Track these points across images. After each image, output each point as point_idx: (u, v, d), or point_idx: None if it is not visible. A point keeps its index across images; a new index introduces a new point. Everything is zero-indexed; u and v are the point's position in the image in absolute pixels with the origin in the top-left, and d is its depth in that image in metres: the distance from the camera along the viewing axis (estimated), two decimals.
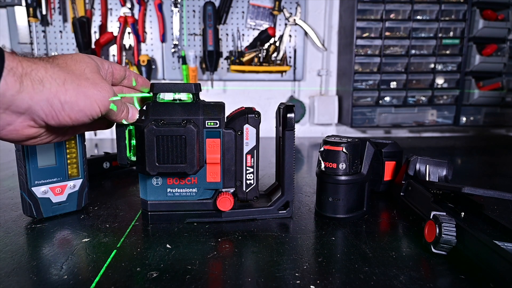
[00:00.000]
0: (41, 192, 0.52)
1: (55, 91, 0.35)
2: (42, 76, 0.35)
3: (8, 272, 0.39)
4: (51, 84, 0.35)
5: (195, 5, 1.32)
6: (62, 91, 0.36)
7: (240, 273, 0.40)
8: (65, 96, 0.36)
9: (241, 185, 0.53)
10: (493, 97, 1.36)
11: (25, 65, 0.34)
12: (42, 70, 0.35)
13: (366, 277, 0.39)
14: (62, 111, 0.36)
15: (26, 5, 1.20)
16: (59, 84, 0.36)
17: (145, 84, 0.51)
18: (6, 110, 0.34)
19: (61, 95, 0.36)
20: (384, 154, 0.66)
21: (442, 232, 0.41)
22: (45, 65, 0.36)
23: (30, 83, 0.34)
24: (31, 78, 0.34)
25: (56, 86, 0.35)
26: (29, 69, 0.34)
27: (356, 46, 1.27)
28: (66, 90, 0.36)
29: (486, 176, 0.89)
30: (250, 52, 1.33)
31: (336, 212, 0.54)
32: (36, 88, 0.34)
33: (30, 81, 0.34)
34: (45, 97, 0.35)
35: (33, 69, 0.34)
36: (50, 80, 0.35)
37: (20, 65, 0.33)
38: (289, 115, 0.51)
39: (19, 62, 0.33)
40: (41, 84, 0.34)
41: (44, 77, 0.35)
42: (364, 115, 1.35)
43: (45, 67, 0.35)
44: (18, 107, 0.34)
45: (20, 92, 0.33)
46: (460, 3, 1.28)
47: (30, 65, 0.34)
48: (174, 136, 0.47)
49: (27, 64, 0.34)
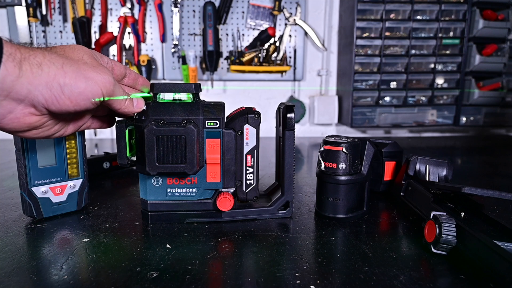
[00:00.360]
0: (41, 192, 0.52)
1: (53, 74, 0.35)
2: (40, 60, 0.35)
3: (8, 272, 0.39)
4: (50, 67, 0.35)
5: (195, 5, 1.32)
6: (61, 74, 0.36)
7: (240, 273, 0.40)
8: (64, 79, 0.36)
9: (241, 185, 0.53)
10: (493, 97, 1.36)
11: (23, 51, 0.34)
12: (40, 55, 0.35)
13: (366, 277, 0.39)
14: (62, 95, 0.36)
15: (26, 5, 1.20)
16: (58, 68, 0.36)
17: (145, 84, 0.51)
18: (6, 97, 0.34)
19: (60, 78, 0.36)
20: (384, 154, 0.66)
21: (442, 232, 0.41)
22: (43, 52, 0.36)
23: (29, 67, 0.34)
24: (29, 62, 0.34)
25: (55, 69, 0.35)
26: (27, 54, 0.34)
27: (356, 46, 1.27)
28: (65, 72, 0.36)
29: (486, 176, 0.89)
30: (250, 52, 1.33)
31: (336, 212, 0.54)
32: (35, 72, 0.34)
33: (29, 66, 0.34)
34: (44, 81, 0.35)
35: (31, 54, 0.34)
36: (49, 64, 0.35)
37: (18, 51, 0.33)
38: (289, 115, 0.51)
39: (17, 49, 0.34)
40: (39, 68, 0.34)
41: (43, 62, 0.35)
42: (364, 115, 1.35)
43: (43, 53, 0.36)
44: (18, 93, 0.34)
45: (19, 77, 0.33)
46: (460, 3, 1.28)
47: (28, 51, 0.34)
48: (174, 136, 0.47)
49: (25, 50, 0.34)
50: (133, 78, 0.50)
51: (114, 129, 0.49)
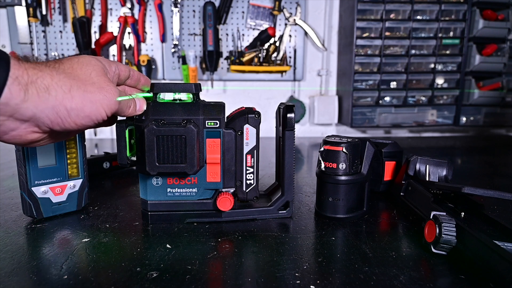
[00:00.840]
0: (41, 192, 0.52)
1: (61, 99, 0.35)
2: (48, 84, 0.34)
3: (8, 272, 0.39)
4: (57, 91, 0.35)
5: (195, 5, 1.32)
6: (68, 98, 0.36)
7: (240, 273, 0.40)
8: (71, 103, 0.36)
9: (241, 185, 0.53)
10: (493, 97, 1.36)
11: (31, 73, 0.34)
12: (48, 78, 0.35)
13: (366, 277, 0.39)
14: (68, 118, 0.36)
15: (26, 5, 1.19)
16: (65, 92, 0.35)
17: (147, 83, 0.52)
18: (10, 117, 0.34)
19: (67, 102, 0.36)
20: (384, 154, 0.66)
21: (442, 232, 0.41)
22: (51, 72, 0.35)
23: (36, 91, 0.34)
24: (36, 86, 0.34)
25: (62, 93, 0.35)
26: (34, 77, 0.34)
27: (356, 46, 1.27)
28: (72, 97, 0.36)
29: (486, 176, 0.89)
30: (250, 52, 1.33)
31: (336, 212, 0.54)
32: (42, 97, 0.34)
33: (36, 90, 0.34)
34: (51, 105, 0.35)
35: (39, 77, 0.34)
36: (56, 88, 0.35)
37: (26, 73, 0.33)
38: (289, 115, 0.51)
39: (25, 70, 0.33)
40: (47, 92, 0.34)
41: (50, 85, 0.35)
42: (364, 115, 1.35)
43: (51, 74, 0.35)
44: (22, 115, 0.34)
45: (25, 101, 0.33)
46: (460, 3, 1.28)
47: (36, 73, 0.34)
48: (174, 136, 0.47)
49: (33, 72, 0.34)
50: (136, 79, 0.50)
51: (114, 129, 0.49)
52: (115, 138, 0.49)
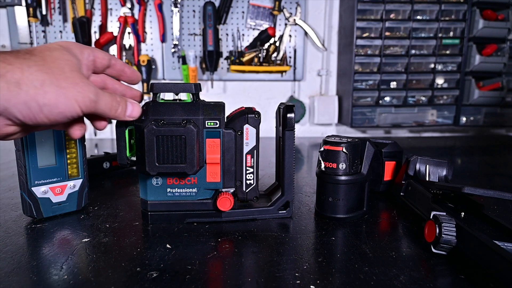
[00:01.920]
0: (41, 192, 0.52)
1: (33, 94, 0.34)
2: (18, 78, 0.33)
3: (8, 272, 0.39)
4: (28, 86, 0.33)
5: (195, 5, 1.32)
6: (40, 94, 0.34)
7: (240, 273, 0.40)
8: (43, 99, 0.34)
9: (241, 185, 0.53)
10: (493, 97, 1.36)
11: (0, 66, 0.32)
12: (18, 72, 0.33)
13: (366, 277, 0.39)
14: (40, 113, 0.35)
15: (26, 5, 1.19)
16: (37, 87, 0.34)
17: (133, 76, 0.48)
18: None
19: (40, 98, 0.34)
20: (384, 154, 0.66)
21: (442, 232, 0.41)
22: (21, 66, 0.34)
23: (6, 85, 0.32)
24: (6, 80, 0.32)
25: (34, 88, 0.34)
26: (3, 70, 0.32)
27: (356, 46, 1.27)
28: (45, 92, 0.34)
29: (486, 176, 0.89)
30: (250, 52, 1.33)
31: (336, 212, 0.54)
32: (13, 91, 0.33)
33: (6, 84, 0.32)
34: (22, 100, 0.33)
35: (8, 70, 0.33)
36: (27, 82, 0.33)
37: None
38: (289, 115, 0.51)
39: None
40: (17, 86, 0.33)
41: (21, 79, 0.33)
42: (364, 115, 1.35)
43: (21, 68, 0.34)
44: None
45: None
46: (460, 3, 1.28)
47: (4, 66, 0.33)
48: (174, 136, 0.47)
49: (1, 65, 0.33)
50: (118, 69, 0.47)
51: (114, 129, 0.49)
52: (115, 138, 0.49)
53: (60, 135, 0.53)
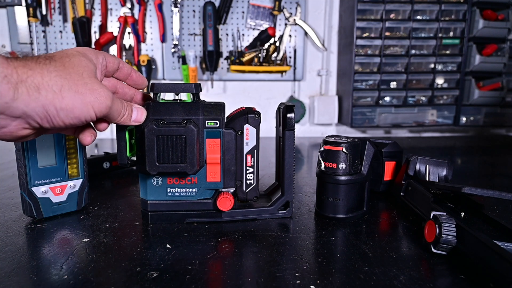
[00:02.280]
0: (41, 192, 0.52)
1: (51, 98, 0.35)
2: (38, 83, 0.34)
3: (8, 272, 0.39)
4: (47, 91, 0.35)
5: (195, 5, 1.32)
6: (58, 98, 0.35)
7: (240, 273, 0.40)
8: (61, 104, 0.36)
9: (241, 185, 0.53)
10: (493, 97, 1.36)
11: (20, 71, 0.33)
12: (38, 77, 0.34)
13: (366, 277, 0.39)
14: (57, 117, 0.36)
15: (26, 5, 1.19)
16: (56, 92, 0.35)
17: (138, 79, 0.50)
18: (1, 114, 0.34)
19: (57, 102, 0.35)
20: (384, 154, 0.66)
21: (442, 232, 0.41)
22: (42, 71, 0.35)
23: (26, 90, 0.33)
24: (26, 85, 0.34)
25: (53, 93, 0.35)
26: (24, 76, 0.34)
27: (356, 46, 1.27)
28: (63, 97, 0.36)
29: (486, 176, 0.89)
30: (250, 52, 1.33)
31: (336, 212, 0.54)
32: (32, 95, 0.34)
33: (26, 89, 0.33)
34: (41, 104, 0.35)
35: (29, 75, 0.34)
36: (47, 87, 0.35)
37: (15, 72, 0.33)
38: (289, 115, 0.51)
39: (14, 69, 0.33)
40: (37, 91, 0.34)
41: (41, 84, 0.34)
42: (364, 115, 1.35)
43: (42, 72, 0.35)
44: (13, 113, 0.34)
45: (14, 100, 0.33)
46: (460, 3, 1.28)
47: (26, 72, 0.34)
48: (174, 136, 0.47)
49: (22, 71, 0.34)
50: (125, 73, 0.48)
51: (114, 129, 0.49)
52: (115, 138, 0.49)
53: (60, 135, 0.53)
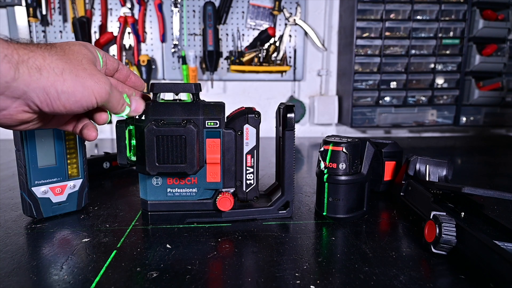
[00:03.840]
0: (41, 192, 0.52)
1: (52, 80, 0.35)
2: (39, 64, 0.34)
3: (8, 272, 0.39)
4: (49, 73, 0.35)
5: (195, 5, 1.32)
6: (60, 81, 0.35)
7: (240, 273, 0.40)
8: (62, 86, 0.36)
9: (241, 185, 0.53)
10: (493, 97, 1.36)
11: (21, 52, 0.34)
12: (40, 58, 0.35)
13: (366, 277, 0.39)
14: (57, 100, 0.36)
15: (26, 5, 1.20)
16: (57, 74, 0.35)
17: (137, 82, 0.50)
18: (1, 95, 0.34)
19: (58, 85, 0.35)
20: (384, 154, 0.66)
21: (442, 232, 0.41)
22: (43, 53, 0.35)
23: (27, 70, 0.34)
24: (28, 66, 0.34)
25: (54, 75, 0.35)
26: (25, 56, 0.34)
27: (356, 46, 1.27)
28: (64, 80, 0.36)
29: (486, 176, 0.89)
30: (250, 52, 1.33)
31: (336, 212, 0.54)
32: (33, 76, 0.34)
33: (27, 69, 0.34)
34: (42, 85, 0.35)
35: (30, 57, 0.34)
36: (48, 69, 0.35)
37: (15, 53, 0.33)
38: (289, 115, 0.51)
39: (14, 50, 0.33)
40: (38, 72, 0.34)
41: (42, 66, 0.35)
42: (364, 115, 1.35)
43: (43, 55, 0.35)
44: (13, 92, 0.34)
45: (15, 80, 0.33)
46: (460, 3, 1.28)
47: (27, 53, 0.34)
48: (174, 136, 0.47)
49: (23, 52, 0.34)
50: (125, 74, 0.49)
51: (114, 129, 0.49)
52: (115, 138, 0.49)
53: (60, 135, 0.53)
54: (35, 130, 0.50)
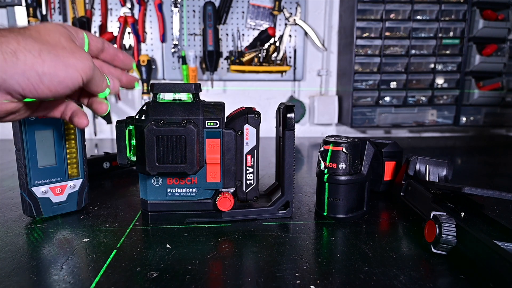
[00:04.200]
0: (41, 192, 0.52)
1: (30, 63, 0.33)
2: (14, 48, 0.32)
3: (8, 272, 0.39)
4: (26, 55, 0.33)
5: (195, 5, 1.32)
6: (39, 63, 0.33)
7: (240, 273, 0.40)
8: (42, 68, 0.34)
9: (241, 185, 0.53)
10: (493, 97, 1.36)
11: None
12: (13, 42, 0.33)
13: (366, 277, 0.39)
14: (40, 84, 0.34)
15: (26, 5, 1.19)
16: (35, 56, 0.33)
17: (126, 60, 0.48)
18: None
19: (38, 67, 0.33)
20: (384, 154, 0.66)
21: (442, 232, 0.41)
22: (16, 37, 0.33)
23: (2, 56, 0.32)
24: (1, 51, 0.32)
25: (32, 57, 0.33)
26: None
27: (356, 46, 1.27)
28: (43, 61, 0.34)
29: (486, 176, 0.89)
30: (250, 52, 1.33)
31: (336, 212, 0.54)
32: (9, 61, 0.32)
33: (1, 54, 0.32)
34: (21, 70, 0.33)
35: (2, 42, 0.32)
36: (24, 52, 0.33)
37: None
38: (289, 115, 0.51)
39: None
40: (14, 56, 0.32)
41: (17, 49, 0.33)
42: (364, 115, 1.35)
43: (17, 39, 0.33)
44: None
45: None
46: (460, 3, 1.28)
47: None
48: (174, 136, 0.47)
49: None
50: (111, 53, 0.46)
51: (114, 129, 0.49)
52: (115, 138, 0.49)
53: (60, 135, 0.53)
54: (35, 130, 0.50)
